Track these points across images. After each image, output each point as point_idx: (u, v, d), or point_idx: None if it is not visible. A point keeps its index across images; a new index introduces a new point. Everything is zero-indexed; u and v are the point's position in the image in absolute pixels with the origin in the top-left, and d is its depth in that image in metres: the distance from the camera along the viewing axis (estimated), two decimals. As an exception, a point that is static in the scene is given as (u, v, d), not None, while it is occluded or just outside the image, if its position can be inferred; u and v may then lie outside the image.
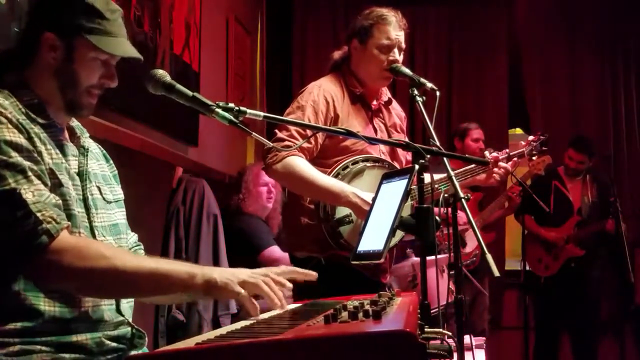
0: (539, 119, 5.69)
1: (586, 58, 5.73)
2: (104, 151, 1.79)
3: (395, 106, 2.87)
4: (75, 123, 1.68)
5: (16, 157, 1.40)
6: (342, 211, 2.53)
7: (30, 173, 1.41)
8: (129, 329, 1.60)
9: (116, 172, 1.79)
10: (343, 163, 2.57)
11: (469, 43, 5.83)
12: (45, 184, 1.44)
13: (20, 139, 1.43)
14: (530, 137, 3.15)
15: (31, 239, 1.37)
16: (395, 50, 2.65)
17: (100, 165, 1.72)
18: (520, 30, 5.84)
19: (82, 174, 1.60)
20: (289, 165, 2.48)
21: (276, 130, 2.57)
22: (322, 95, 2.60)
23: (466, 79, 5.82)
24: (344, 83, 2.70)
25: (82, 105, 1.59)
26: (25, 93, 1.53)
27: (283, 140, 2.51)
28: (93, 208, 1.59)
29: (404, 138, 2.83)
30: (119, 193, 1.75)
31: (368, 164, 2.59)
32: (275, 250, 3.89)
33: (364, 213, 2.32)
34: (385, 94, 2.81)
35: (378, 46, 2.63)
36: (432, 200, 1.72)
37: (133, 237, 1.82)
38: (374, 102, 2.75)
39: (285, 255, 3.76)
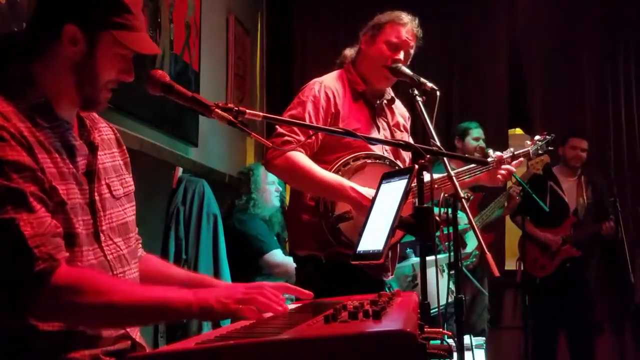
0: (539, 119, 5.69)
1: (586, 58, 5.73)
2: (118, 135, 1.73)
3: (399, 105, 2.88)
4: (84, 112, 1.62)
5: (17, 180, 1.34)
6: (342, 207, 2.53)
7: (31, 199, 1.34)
8: (129, 342, 1.57)
9: (128, 159, 1.74)
10: (344, 159, 2.56)
11: (469, 43, 5.82)
12: (47, 206, 1.39)
13: (23, 157, 1.36)
14: (537, 137, 3.15)
15: (26, 277, 1.33)
16: (402, 52, 2.65)
17: (112, 154, 1.66)
18: (520, 30, 5.83)
19: (91, 174, 1.55)
20: (289, 160, 2.48)
21: (277, 126, 2.57)
22: (323, 91, 2.60)
23: (466, 79, 5.82)
24: (347, 80, 2.70)
25: (98, 101, 1.54)
26: (31, 91, 1.45)
27: (283, 135, 2.50)
28: (101, 211, 1.55)
29: (407, 137, 2.83)
30: (130, 184, 1.70)
31: (369, 160, 2.59)
32: (276, 254, 3.87)
33: (363, 208, 2.32)
34: (389, 92, 2.81)
35: (387, 41, 2.64)
36: (431, 197, 1.72)
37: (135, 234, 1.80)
38: (377, 101, 2.75)
39: (286, 261, 3.74)
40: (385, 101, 2.78)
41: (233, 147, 4.89)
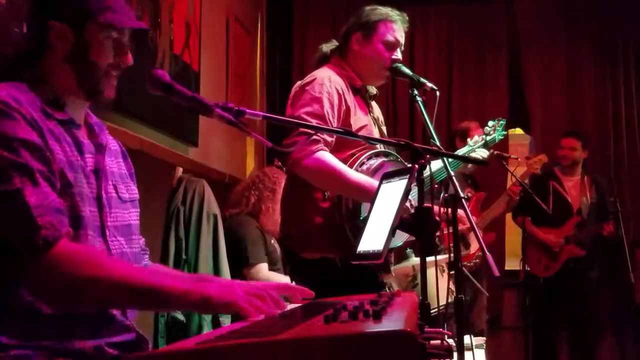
0: (539, 119, 5.70)
1: (586, 58, 5.73)
2: (123, 148, 1.77)
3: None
4: (93, 120, 1.66)
5: (26, 157, 1.38)
6: (366, 209, 2.46)
7: (38, 175, 1.38)
8: (134, 334, 1.57)
9: (133, 170, 1.78)
10: (359, 160, 2.52)
11: (469, 43, 5.83)
12: (53, 186, 1.42)
13: (33, 137, 1.40)
14: (489, 124, 3.14)
15: (28, 244, 1.34)
16: (398, 50, 2.65)
17: (118, 162, 1.70)
18: (520, 30, 5.84)
19: (98, 172, 1.58)
20: (319, 161, 2.41)
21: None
22: (333, 87, 2.54)
23: (466, 78, 5.82)
24: (344, 76, 2.65)
25: (102, 89, 1.58)
26: (43, 88, 1.52)
27: (310, 134, 2.39)
28: (107, 207, 1.57)
29: (385, 130, 2.82)
30: (135, 192, 1.74)
31: (385, 159, 2.55)
32: (261, 268, 3.73)
33: None
34: (373, 87, 2.78)
35: (384, 42, 2.62)
36: (431, 193, 1.71)
37: (140, 241, 1.79)
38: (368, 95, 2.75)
39: (271, 277, 3.68)
40: (371, 95, 2.76)
41: (233, 147, 4.88)
